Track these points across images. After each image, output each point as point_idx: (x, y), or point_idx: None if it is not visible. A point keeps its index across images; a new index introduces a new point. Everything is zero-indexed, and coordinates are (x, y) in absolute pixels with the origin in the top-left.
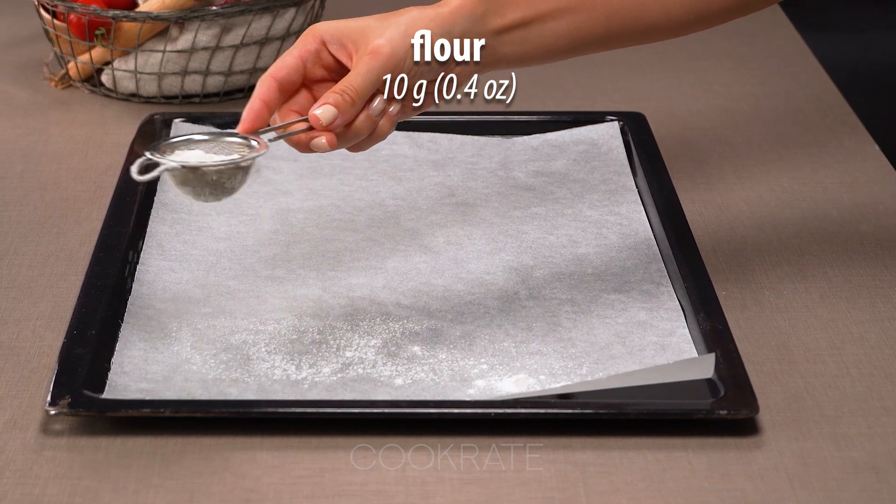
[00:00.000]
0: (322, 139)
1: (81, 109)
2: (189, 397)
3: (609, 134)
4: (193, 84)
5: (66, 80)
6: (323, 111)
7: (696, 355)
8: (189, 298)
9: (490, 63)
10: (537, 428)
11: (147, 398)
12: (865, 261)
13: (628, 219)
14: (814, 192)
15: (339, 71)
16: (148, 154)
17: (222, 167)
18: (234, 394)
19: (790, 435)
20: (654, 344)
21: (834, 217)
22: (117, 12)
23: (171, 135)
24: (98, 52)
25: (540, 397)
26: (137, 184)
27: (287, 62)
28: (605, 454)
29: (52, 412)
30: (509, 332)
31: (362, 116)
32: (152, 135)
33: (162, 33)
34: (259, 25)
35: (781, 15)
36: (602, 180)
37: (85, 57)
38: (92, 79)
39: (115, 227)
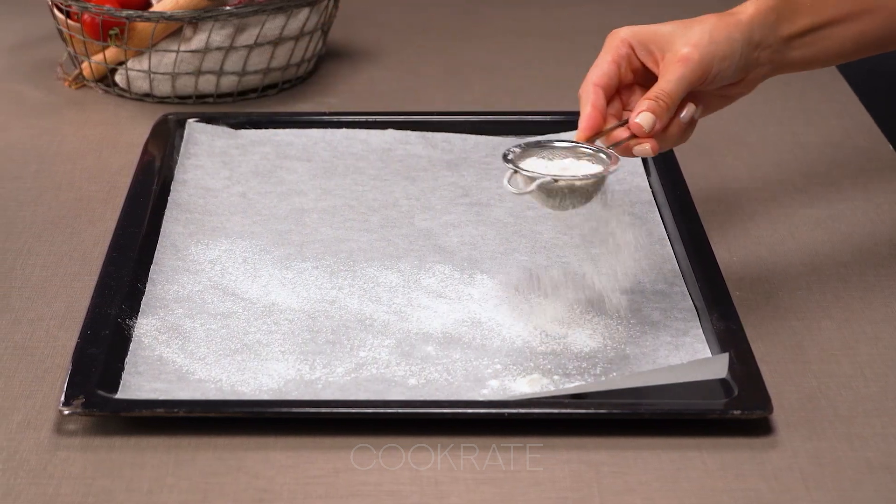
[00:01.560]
0: (646, 146)
1: (95, 109)
2: (203, 397)
3: None
4: (207, 84)
5: (79, 81)
6: (643, 118)
7: (710, 355)
8: (203, 299)
9: (779, 67)
10: (551, 428)
11: (161, 398)
12: (880, 260)
13: (642, 219)
14: (828, 192)
15: (644, 75)
16: (514, 167)
17: (590, 181)
18: (248, 394)
19: (804, 435)
20: (668, 344)
21: (848, 217)
22: (131, 12)
23: (187, 139)
24: (112, 52)
25: (554, 397)
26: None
27: (605, 69)
28: (619, 454)
29: (66, 412)
30: (523, 332)
31: (675, 122)
32: (166, 135)
33: (176, 33)
34: (273, 25)
35: None
36: (616, 180)
37: (99, 57)
38: (106, 79)
39: (128, 227)
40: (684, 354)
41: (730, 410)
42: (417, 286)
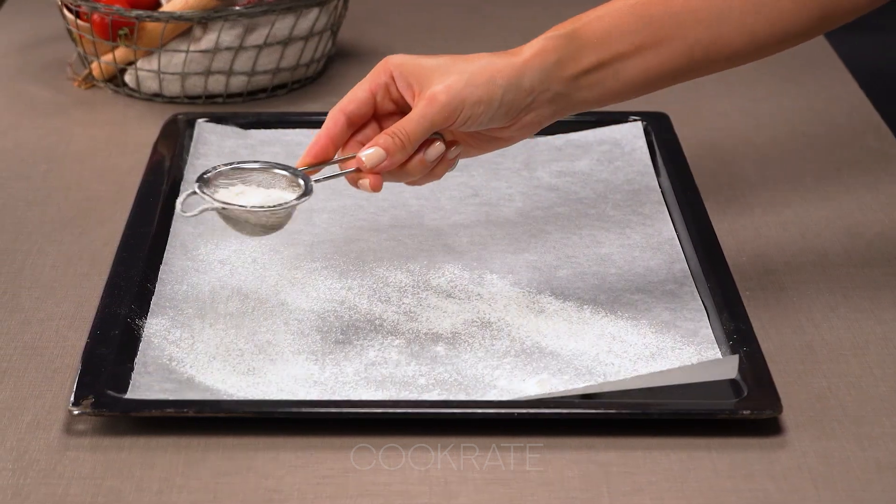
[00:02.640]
0: (366, 181)
1: (105, 109)
2: (212, 397)
3: (632, 134)
4: (217, 84)
5: (89, 81)
6: (369, 154)
7: (720, 356)
8: (212, 299)
9: (564, 108)
10: (560, 428)
11: (170, 398)
12: (889, 261)
13: (651, 219)
14: (837, 192)
15: (405, 106)
16: (196, 189)
17: (262, 211)
18: (258, 394)
19: (813, 435)
20: (678, 344)
21: (857, 216)
22: (141, 12)
23: (197, 139)
24: (121, 52)
25: (563, 397)
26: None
27: (357, 95)
28: (628, 454)
29: (76, 412)
30: (532, 333)
31: (416, 159)
32: (175, 135)
33: (185, 33)
34: (282, 25)
35: None
36: (625, 180)
37: (108, 57)
38: (115, 79)
39: (138, 227)
40: (694, 355)
41: (739, 410)
42: (427, 286)
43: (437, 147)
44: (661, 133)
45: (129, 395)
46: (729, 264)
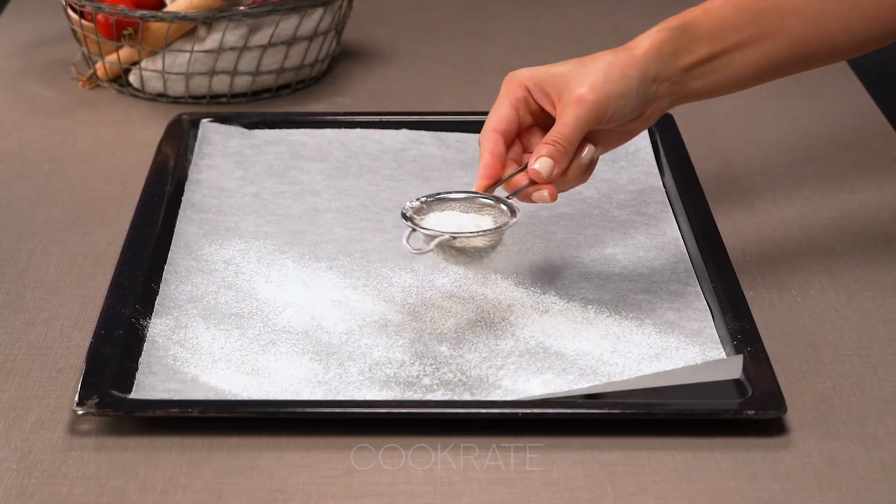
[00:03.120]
0: (544, 192)
1: (109, 109)
2: (217, 397)
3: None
4: (221, 84)
5: (93, 80)
6: (541, 164)
7: (724, 356)
8: (217, 299)
9: (680, 98)
10: (565, 428)
11: (175, 398)
12: (893, 261)
13: (656, 219)
14: (841, 193)
15: (542, 117)
16: (412, 225)
17: (488, 235)
18: (262, 394)
19: (818, 435)
20: (682, 344)
21: (861, 217)
22: (145, 12)
23: (201, 139)
24: (125, 52)
25: (567, 397)
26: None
27: (504, 114)
28: (632, 454)
29: (80, 412)
30: (536, 333)
31: (574, 165)
32: (179, 135)
33: (189, 33)
34: (286, 25)
35: None
36: (630, 180)
37: (112, 57)
38: (119, 79)
39: (142, 227)
40: (698, 355)
41: (743, 410)
42: (431, 286)
43: (590, 149)
44: (665, 133)
45: (133, 395)
46: (733, 264)
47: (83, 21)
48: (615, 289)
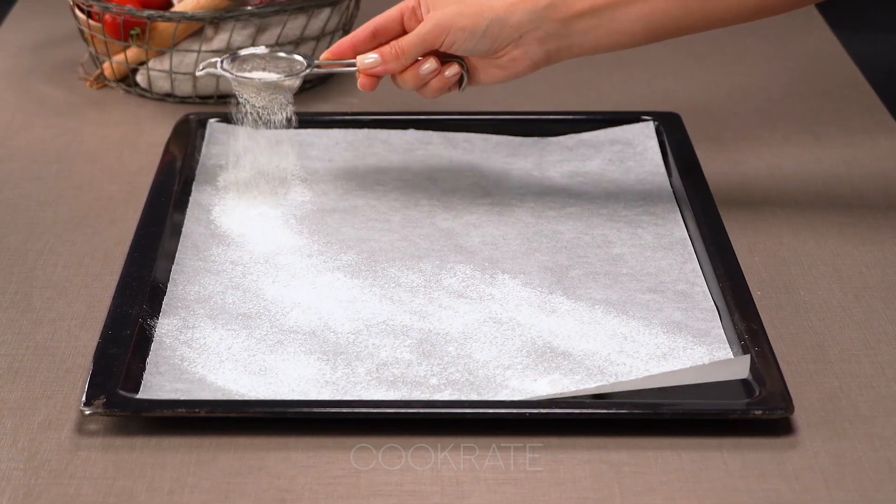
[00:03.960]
0: (359, 79)
1: (116, 109)
2: (224, 397)
3: (644, 134)
4: (229, 84)
5: (101, 80)
6: (365, 57)
7: (732, 356)
8: (224, 299)
9: (559, 50)
10: (572, 428)
11: (182, 398)
12: None
13: (663, 219)
14: (849, 193)
15: None
16: (218, 61)
17: (255, 80)
18: (269, 394)
19: (825, 435)
20: (690, 344)
21: (868, 217)
22: (152, 12)
23: (208, 139)
24: (133, 52)
25: (575, 397)
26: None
27: (388, 13)
28: (639, 454)
29: (87, 412)
30: (544, 333)
31: (411, 72)
32: (187, 134)
33: (197, 33)
34: (294, 25)
35: (816, 15)
36: (637, 180)
37: (120, 57)
38: (127, 79)
39: (149, 227)
40: (705, 355)
41: (751, 410)
42: (438, 286)
43: (429, 65)
44: (672, 133)
45: (140, 395)
46: (740, 264)
47: (90, 21)
48: (622, 289)
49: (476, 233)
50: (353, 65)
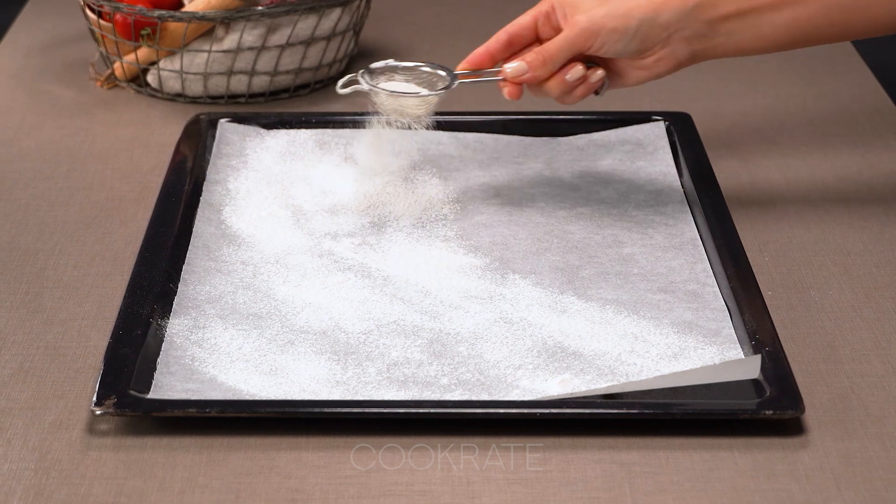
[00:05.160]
0: (506, 89)
1: (127, 109)
2: (235, 397)
3: (655, 134)
4: (239, 84)
5: (111, 81)
6: (513, 66)
7: (742, 356)
8: (235, 299)
9: (704, 51)
10: (582, 428)
11: (193, 398)
12: None
13: (674, 219)
14: (859, 193)
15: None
16: (358, 76)
17: (409, 96)
18: (280, 394)
19: (836, 435)
20: (700, 344)
21: (880, 216)
22: (163, 12)
23: (219, 139)
24: (144, 53)
25: (585, 397)
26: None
27: (521, 20)
28: (650, 454)
29: (98, 412)
30: (554, 333)
31: (556, 79)
32: (198, 135)
33: (208, 33)
34: (305, 25)
35: None
36: (648, 180)
37: (130, 57)
38: (137, 79)
39: (160, 227)
40: (716, 355)
41: (761, 410)
42: (449, 286)
43: (576, 70)
44: (683, 133)
45: (151, 395)
46: (751, 264)
47: (101, 21)
48: (633, 288)
49: (487, 233)
50: (495, 74)
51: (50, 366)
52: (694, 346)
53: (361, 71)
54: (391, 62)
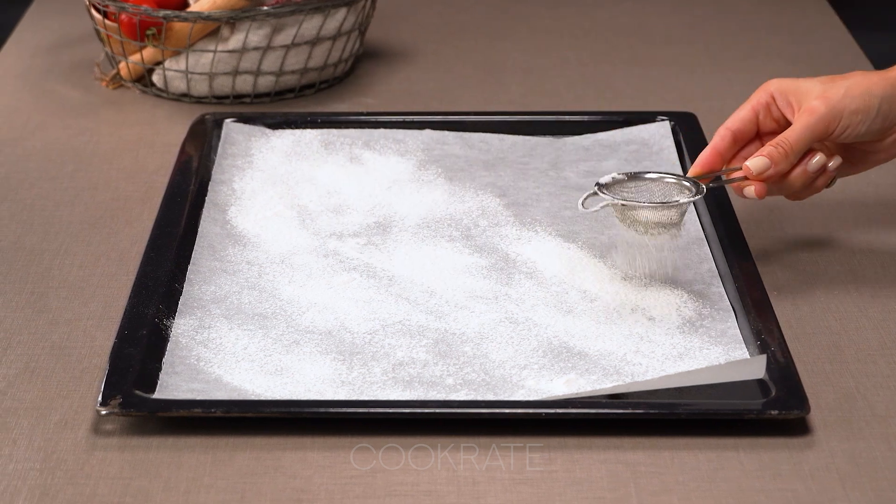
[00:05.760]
0: (751, 188)
1: (132, 109)
2: (240, 397)
3: (660, 134)
4: (244, 84)
5: (117, 81)
6: (756, 162)
7: (748, 356)
8: (240, 299)
9: None
10: (588, 428)
11: (198, 398)
12: None
13: None
14: (865, 192)
15: (786, 125)
16: (596, 189)
17: (650, 206)
18: (285, 394)
19: (841, 435)
20: (706, 344)
21: (886, 217)
22: (168, 12)
23: (225, 139)
24: (149, 53)
25: (591, 398)
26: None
27: (741, 115)
28: (656, 454)
29: (104, 412)
30: (560, 333)
31: (798, 170)
32: (203, 135)
33: (213, 33)
34: (310, 25)
35: (833, 15)
36: None
37: (136, 57)
38: (143, 79)
39: (165, 227)
40: (722, 355)
41: (767, 410)
42: (455, 286)
43: (819, 159)
44: (688, 133)
45: (156, 395)
46: (757, 264)
47: (107, 21)
48: (638, 289)
49: (492, 232)
50: (733, 175)
51: (55, 366)
52: (699, 346)
53: (596, 186)
54: (616, 175)
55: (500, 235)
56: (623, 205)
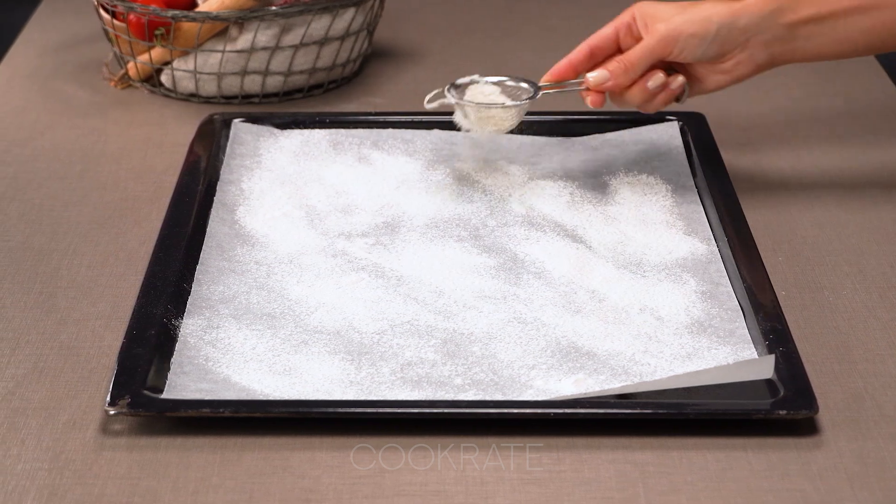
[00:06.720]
0: (589, 97)
1: (141, 109)
2: (248, 397)
3: (669, 134)
4: (253, 84)
5: (125, 81)
6: (596, 74)
7: (756, 356)
8: (248, 299)
9: (783, 55)
10: (596, 428)
11: (206, 398)
12: None
13: (687, 218)
14: (873, 193)
15: None
16: (444, 91)
17: (496, 107)
18: (294, 394)
19: (849, 435)
20: (714, 344)
21: (894, 216)
22: (177, 12)
23: (233, 139)
24: (157, 53)
25: (599, 398)
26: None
27: (602, 32)
28: (664, 454)
29: (112, 412)
30: (568, 333)
31: (638, 86)
32: (211, 135)
33: (221, 33)
34: (318, 25)
35: None
36: (662, 180)
37: (144, 57)
38: (151, 79)
39: (174, 227)
40: (730, 355)
41: (775, 410)
42: (463, 286)
43: (658, 76)
44: (697, 133)
45: (165, 395)
46: (765, 264)
47: (115, 21)
48: (647, 289)
49: (500, 232)
50: (577, 84)
51: (64, 366)
52: (708, 346)
53: (447, 85)
54: (476, 77)
55: (508, 235)
56: (458, 103)
